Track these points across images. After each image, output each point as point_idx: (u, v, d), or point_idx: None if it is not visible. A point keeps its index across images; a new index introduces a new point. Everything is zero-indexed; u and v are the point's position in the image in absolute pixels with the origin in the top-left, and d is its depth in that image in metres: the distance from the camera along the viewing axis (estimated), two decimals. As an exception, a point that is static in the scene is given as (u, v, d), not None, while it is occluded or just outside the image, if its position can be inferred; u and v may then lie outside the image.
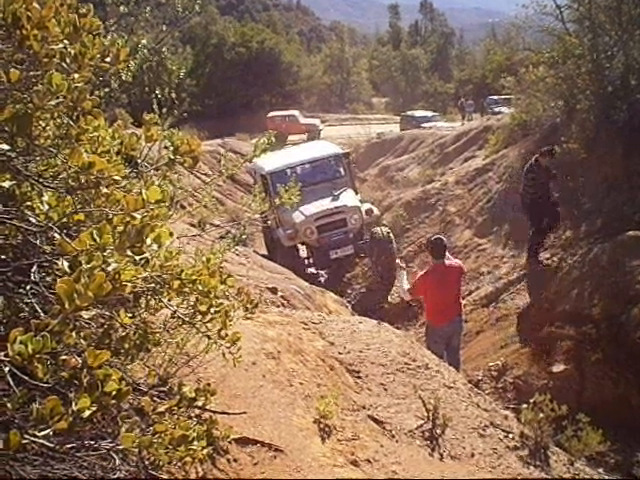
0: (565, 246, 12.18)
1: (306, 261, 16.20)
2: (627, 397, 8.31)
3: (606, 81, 13.47)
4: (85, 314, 1.64)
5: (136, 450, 1.77)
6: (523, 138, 17.64)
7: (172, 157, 2.50)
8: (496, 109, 37.14)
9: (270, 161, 16.44)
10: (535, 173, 11.61)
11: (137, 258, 1.83)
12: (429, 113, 49.39)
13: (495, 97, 41.28)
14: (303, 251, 16.51)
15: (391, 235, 15.58)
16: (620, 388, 8.45)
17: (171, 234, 2.18)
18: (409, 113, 49.54)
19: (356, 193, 16.67)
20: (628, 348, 8.65)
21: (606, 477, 5.74)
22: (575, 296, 10.01)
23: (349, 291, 16.32)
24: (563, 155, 13.34)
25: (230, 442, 3.12)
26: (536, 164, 11.64)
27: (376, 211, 16.35)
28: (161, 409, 2.01)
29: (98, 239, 1.75)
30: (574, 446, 5.40)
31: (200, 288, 2.38)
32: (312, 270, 16.41)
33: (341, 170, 16.90)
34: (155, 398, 2.85)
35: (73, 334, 1.79)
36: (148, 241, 1.84)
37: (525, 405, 5.42)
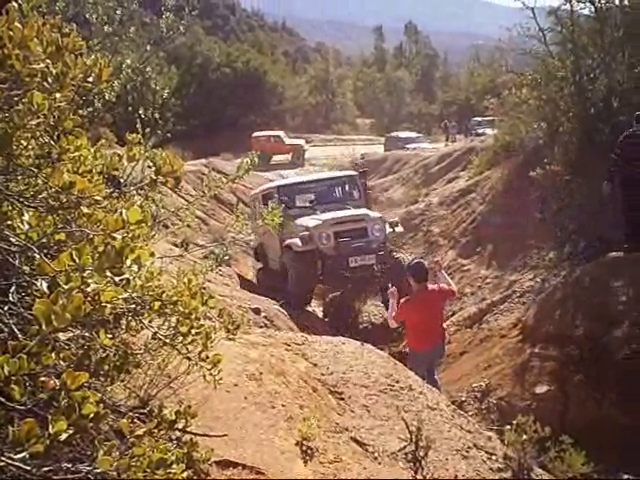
0: (548, 267, 12.23)
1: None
2: (611, 418, 8.31)
3: (589, 103, 13.57)
4: (62, 335, 1.63)
5: (114, 473, 1.75)
6: (506, 160, 17.77)
7: (154, 177, 2.49)
8: (480, 130, 37.45)
9: (280, 179, 17.30)
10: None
11: (117, 279, 1.82)
12: (413, 134, 49.79)
13: (479, 119, 41.61)
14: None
15: None
16: (604, 409, 8.45)
17: (152, 254, 2.16)
18: (393, 134, 49.90)
19: None
20: (611, 369, 8.67)
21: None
22: (558, 317, 10.04)
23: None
24: (546, 177, 13.43)
25: (211, 465, 3.09)
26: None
27: (401, 227, 15.02)
28: (139, 432, 1.98)
29: (77, 259, 1.74)
30: (558, 467, 5.38)
31: (181, 309, 2.37)
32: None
33: (355, 193, 15.81)
34: (136, 420, 2.82)
35: (53, 355, 1.77)
36: (128, 262, 1.82)
37: (508, 426, 5.40)
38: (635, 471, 7.32)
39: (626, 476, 7.55)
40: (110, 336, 2.40)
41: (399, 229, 14.66)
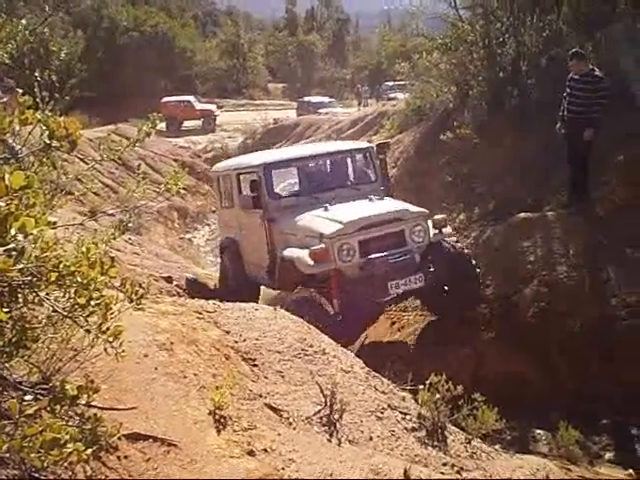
0: (459, 229, 12.42)
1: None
2: (521, 374, 8.57)
3: (498, 67, 13.82)
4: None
5: (7, 455, 1.66)
6: (417, 123, 17.90)
7: (47, 141, 2.35)
8: (391, 95, 37.80)
9: (263, 155, 11.70)
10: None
11: (1, 250, 1.70)
12: (325, 99, 49.88)
13: (390, 83, 41.98)
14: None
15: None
16: (514, 366, 8.70)
17: (49, 223, 2.05)
18: (306, 99, 49.93)
19: None
20: (521, 327, 8.92)
21: (502, 453, 5.85)
22: (469, 278, 10.21)
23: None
24: (456, 140, 13.63)
25: (120, 439, 3.00)
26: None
27: (449, 228, 9.92)
28: (30, 411, 1.88)
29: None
30: (471, 425, 5.49)
31: (79, 280, 2.25)
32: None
33: (370, 173, 11.02)
34: (39, 397, 2.70)
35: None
36: (12, 231, 1.70)
37: (422, 386, 5.48)
38: (545, 425, 7.58)
39: (538, 430, 7.83)
40: (6, 310, 2.28)
41: (447, 230, 9.73)
